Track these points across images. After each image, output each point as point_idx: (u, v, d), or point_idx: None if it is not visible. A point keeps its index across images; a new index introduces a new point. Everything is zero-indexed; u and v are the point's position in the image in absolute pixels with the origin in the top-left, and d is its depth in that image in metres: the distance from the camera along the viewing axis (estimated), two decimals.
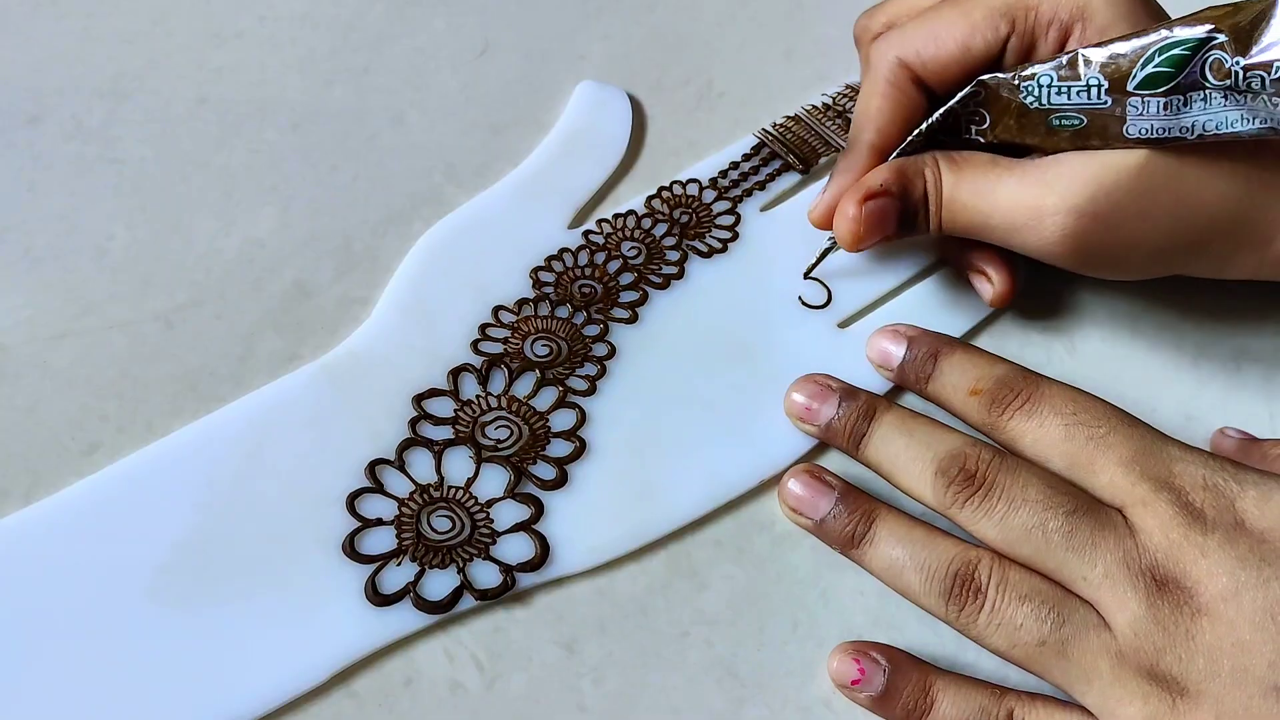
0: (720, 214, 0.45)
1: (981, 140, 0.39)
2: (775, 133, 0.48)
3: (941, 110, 0.39)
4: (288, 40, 0.49)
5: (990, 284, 0.41)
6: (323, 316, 0.41)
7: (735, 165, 0.46)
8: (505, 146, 0.47)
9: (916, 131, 0.40)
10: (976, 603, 0.32)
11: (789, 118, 0.48)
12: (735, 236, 0.44)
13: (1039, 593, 0.32)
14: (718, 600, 0.36)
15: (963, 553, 0.33)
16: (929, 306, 0.43)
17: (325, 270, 0.42)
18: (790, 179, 0.46)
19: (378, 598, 0.34)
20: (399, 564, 0.35)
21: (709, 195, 0.45)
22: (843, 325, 0.42)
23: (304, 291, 0.41)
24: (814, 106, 0.49)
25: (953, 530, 0.34)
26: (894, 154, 0.40)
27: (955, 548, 0.33)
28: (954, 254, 0.43)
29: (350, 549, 0.35)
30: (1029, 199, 0.37)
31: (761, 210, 0.45)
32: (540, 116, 0.48)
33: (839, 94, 0.49)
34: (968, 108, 0.39)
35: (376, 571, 0.34)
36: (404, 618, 0.34)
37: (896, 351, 0.38)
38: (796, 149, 0.47)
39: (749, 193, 0.46)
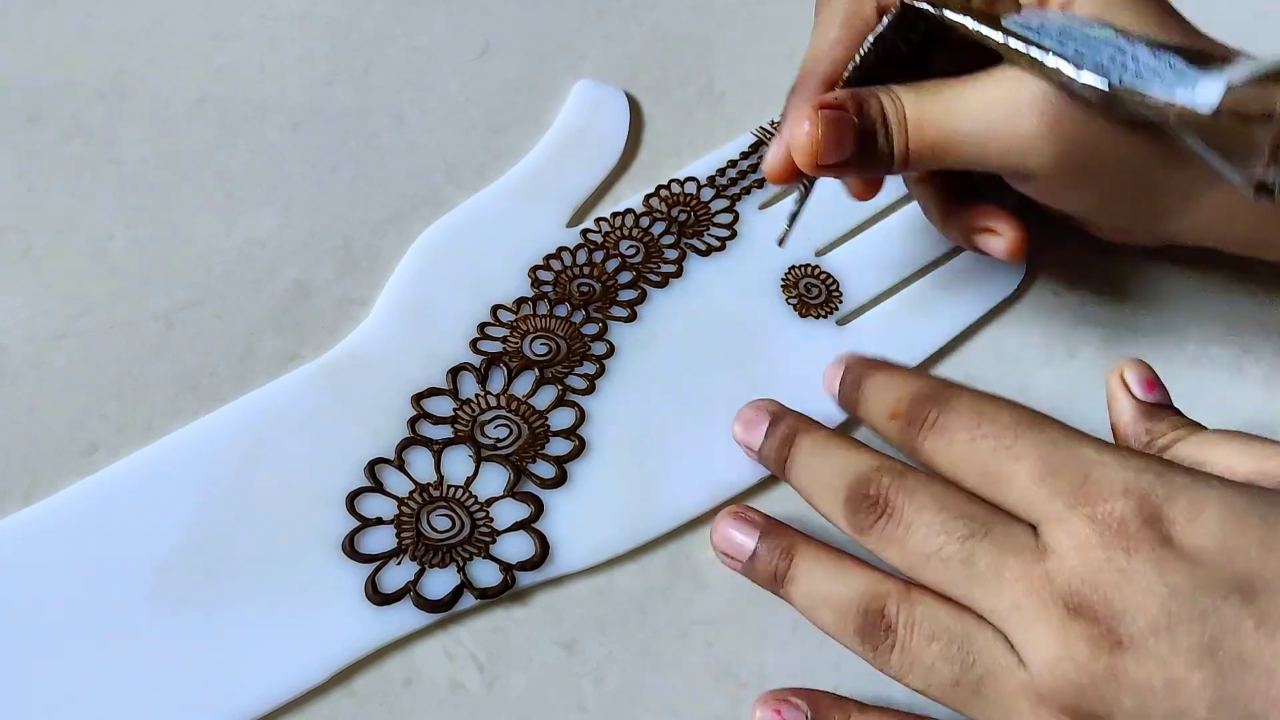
0: (718, 212, 0.45)
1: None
2: (773, 130, 0.47)
3: (871, 36, 0.37)
4: (288, 40, 0.49)
5: (1000, 237, 0.39)
6: (323, 316, 0.41)
7: (733, 163, 0.46)
8: (505, 146, 0.47)
9: (851, 64, 0.37)
10: (888, 641, 0.30)
11: None
12: (734, 235, 0.44)
13: (947, 630, 0.29)
14: (718, 600, 0.36)
15: (872, 586, 0.31)
16: (928, 303, 0.43)
17: (325, 270, 0.42)
18: None
19: (378, 597, 0.34)
20: (399, 563, 0.35)
21: (707, 193, 0.45)
22: (842, 323, 0.42)
23: (304, 291, 0.41)
24: None
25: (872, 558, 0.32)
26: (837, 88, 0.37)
27: (866, 581, 0.31)
28: (954, 228, 0.41)
29: (350, 548, 0.35)
30: (1003, 93, 0.35)
31: (760, 208, 0.45)
32: (540, 117, 0.48)
33: None
34: (908, 37, 0.37)
35: (376, 571, 0.34)
36: (404, 617, 0.34)
37: (832, 383, 0.36)
38: None
39: (747, 191, 0.46)
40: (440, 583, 0.34)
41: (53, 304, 0.40)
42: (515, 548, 0.35)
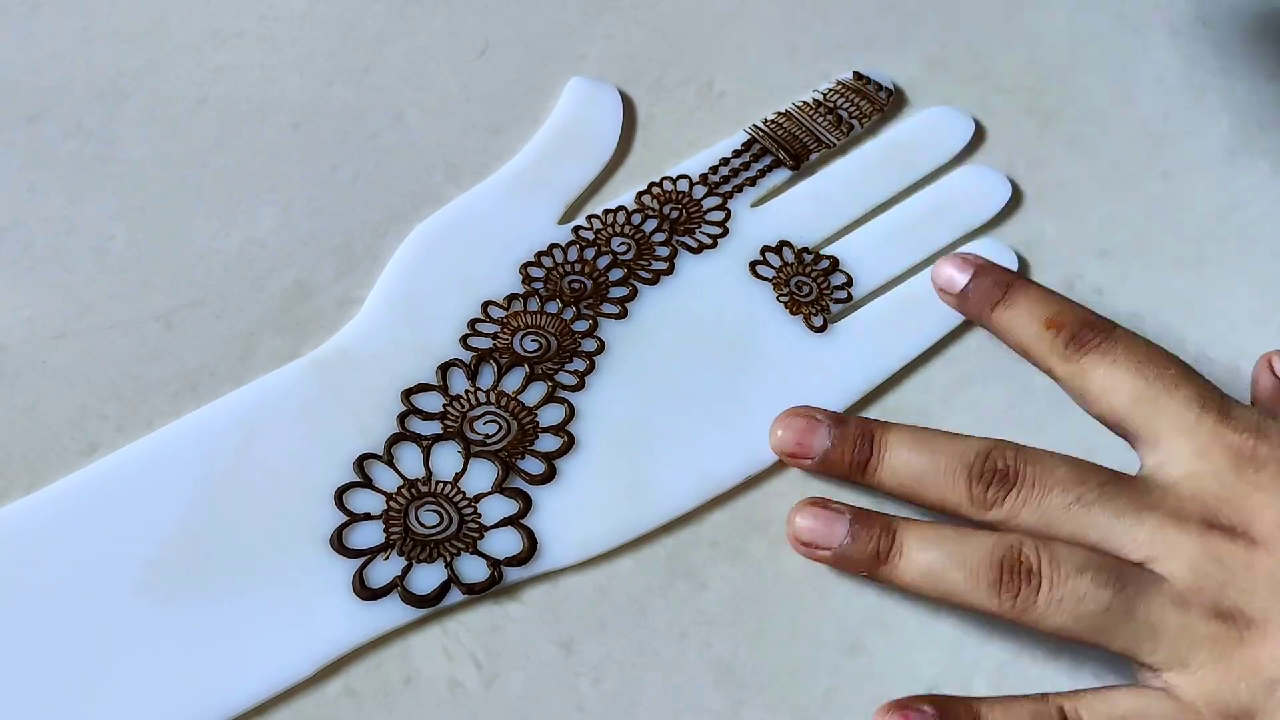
0: (710, 210, 0.45)
1: None
2: (766, 129, 0.47)
3: None
4: (288, 40, 0.49)
5: None
6: (323, 316, 0.41)
7: (725, 161, 0.46)
8: (505, 146, 0.47)
9: None
10: (1031, 585, 0.31)
11: (780, 114, 0.48)
12: (725, 232, 0.44)
13: (1093, 562, 0.32)
14: (717, 600, 0.36)
15: (1000, 540, 0.32)
16: (920, 301, 0.42)
17: (325, 270, 0.42)
18: (781, 175, 0.46)
19: (365, 592, 0.34)
20: (386, 558, 0.35)
21: (699, 191, 0.45)
22: (831, 321, 0.42)
23: (304, 291, 0.42)
24: (805, 103, 0.49)
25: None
26: None
27: (990, 538, 0.33)
28: None
29: (338, 543, 0.35)
30: None
31: (752, 206, 0.45)
32: (540, 116, 0.48)
33: (830, 90, 0.49)
34: None
35: (364, 565, 0.34)
36: (392, 612, 0.34)
37: (961, 278, 0.38)
38: (787, 145, 0.47)
39: (739, 189, 0.45)
40: (428, 578, 0.34)
41: (53, 304, 0.40)
42: (503, 543, 0.35)
